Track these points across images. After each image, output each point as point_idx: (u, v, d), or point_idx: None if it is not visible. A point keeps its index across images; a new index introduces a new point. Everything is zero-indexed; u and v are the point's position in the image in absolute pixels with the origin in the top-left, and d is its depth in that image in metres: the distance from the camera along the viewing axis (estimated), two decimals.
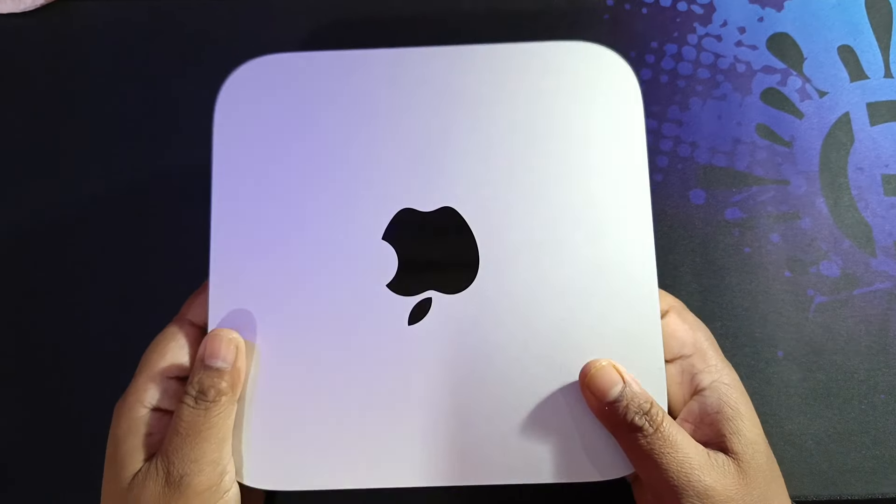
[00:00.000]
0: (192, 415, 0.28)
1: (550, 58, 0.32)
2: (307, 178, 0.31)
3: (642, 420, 0.27)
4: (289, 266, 0.30)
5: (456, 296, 0.30)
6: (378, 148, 0.31)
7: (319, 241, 0.30)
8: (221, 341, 0.29)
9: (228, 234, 0.31)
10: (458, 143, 0.31)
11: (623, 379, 0.28)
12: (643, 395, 0.28)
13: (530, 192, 0.31)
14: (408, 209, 0.31)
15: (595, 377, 0.28)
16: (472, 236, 0.30)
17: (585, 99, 0.31)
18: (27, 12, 0.42)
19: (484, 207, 0.30)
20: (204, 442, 0.28)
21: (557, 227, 0.30)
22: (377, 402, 0.29)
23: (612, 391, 0.27)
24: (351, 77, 0.32)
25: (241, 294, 0.30)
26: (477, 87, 0.31)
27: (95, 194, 0.38)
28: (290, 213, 0.31)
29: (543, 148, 0.31)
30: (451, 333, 0.29)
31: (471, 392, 0.29)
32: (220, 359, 0.29)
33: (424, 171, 0.31)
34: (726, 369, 0.30)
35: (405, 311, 0.30)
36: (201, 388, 0.28)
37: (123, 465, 0.28)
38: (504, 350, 0.29)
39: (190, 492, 0.27)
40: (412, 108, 0.31)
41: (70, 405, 0.36)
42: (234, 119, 0.32)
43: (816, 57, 0.42)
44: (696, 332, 0.30)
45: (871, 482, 0.34)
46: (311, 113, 0.31)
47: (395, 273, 0.30)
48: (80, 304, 0.37)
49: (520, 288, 0.30)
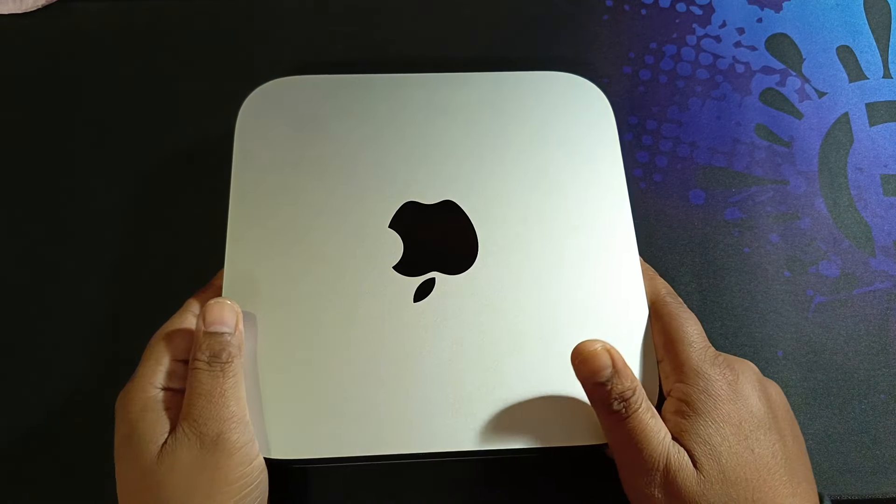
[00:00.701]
0: (209, 377, 0.28)
1: (537, 84, 0.37)
2: (321, 176, 0.34)
3: (619, 406, 0.28)
4: (305, 251, 0.33)
5: (458, 276, 0.33)
6: (385, 152, 0.35)
7: (332, 229, 0.33)
8: (223, 307, 0.30)
9: (245, 223, 0.33)
10: (456, 149, 0.35)
11: (614, 364, 0.28)
12: (628, 382, 0.28)
13: (522, 188, 0.34)
14: (412, 202, 0.34)
15: (587, 360, 0.29)
16: (471, 224, 0.34)
17: (565, 115, 0.36)
18: (28, 12, 0.42)
19: (481, 200, 0.34)
20: (230, 400, 0.28)
21: (546, 217, 0.34)
22: (385, 372, 0.31)
23: (600, 375, 0.28)
24: (360, 96, 0.36)
25: (258, 276, 0.32)
26: (473, 105, 0.36)
27: (95, 194, 0.38)
28: (306, 204, 0.33)
29: (532, 153, 0.35)
30: (454, 309, 0.32)
31: (471, 362, 0.31)
32: (224, 324, 0.30)
33: (426, 170, 0.34)
34: (696, 361, 0.29)
35: (411, 290, 0.32)
36: (212, 352, 0.29)
37: (146, 440, 0.28)
38: (501, 324, 0.32)
39: (229, 448, 0.28)
40: (416, 121, 0.35)
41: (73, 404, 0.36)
42: (254, 125, 0.35)
43: (815, 57, 0.42)
44: (671, 323, 0.30)
45: (871, 482, 0.34)
46: (325, 123, 0.35)
47: (401, 256, 0.33)
48: (81, 304, 0.37)
49: (515, 269, 0.33)
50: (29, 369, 0.36)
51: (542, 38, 0.42)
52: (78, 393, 0.36)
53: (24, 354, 0.36)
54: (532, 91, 0.36)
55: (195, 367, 0.29)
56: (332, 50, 0.41)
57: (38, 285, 0.37)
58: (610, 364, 0.28)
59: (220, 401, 0.28)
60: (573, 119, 0.36)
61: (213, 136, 0.39)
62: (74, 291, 0.37)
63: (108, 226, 0.38)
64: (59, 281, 0.37)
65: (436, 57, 0.41)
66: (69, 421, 0.35)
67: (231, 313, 0.30)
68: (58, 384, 0.36)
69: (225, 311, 0.30)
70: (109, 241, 0.38)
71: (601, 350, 0.28)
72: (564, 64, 0.41)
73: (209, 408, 0.28)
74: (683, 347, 0.29)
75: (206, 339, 0.29)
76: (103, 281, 0.37)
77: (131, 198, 0.38)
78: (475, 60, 0.41)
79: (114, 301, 0.37)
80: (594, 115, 0.36)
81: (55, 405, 0.35)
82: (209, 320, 0.29)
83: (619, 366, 0.28)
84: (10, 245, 0.38)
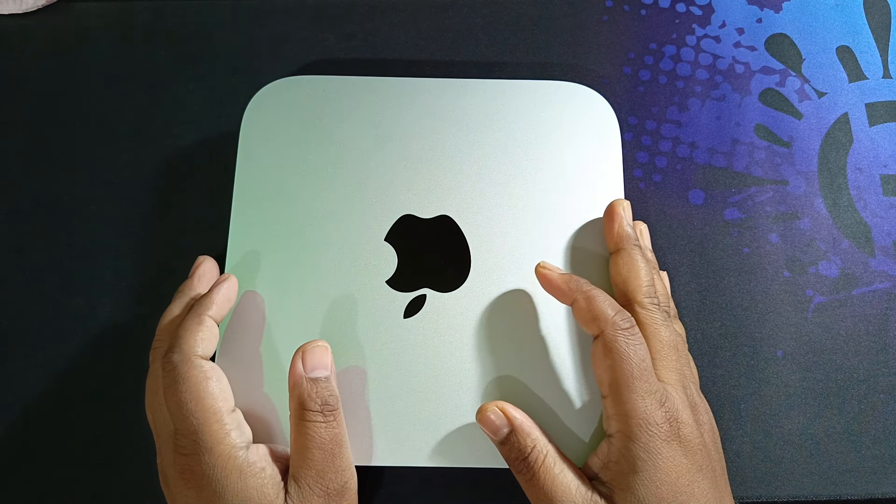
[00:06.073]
0: (328, 430, 0.28)
1: (541, 94, 0.36)
2: (323, 183, 0.34)
3: (520, 466, 0.28)
4: (300, 260, 0.33)
5: (448, 294, 0.33)
6: (386, 160, 0.35)
7: (328, 238, 0.33)
8: (323, 351, 0.30)
9: (245, 230, 0.33)
10: (456, 162, 0.35)
11: (511, 422, 0.29)
12: (526, 440, 0.28)
13: (519, 206, 0.34)
14: (409, 215, 0.34)
15: (483, 422, 0.29)
16: (465, 242, 0.33)
17: (568, 129, 0.35)
18: (28, 12, 0.42)
19: (477, 218, 0.34)
20: (345, 448, 0.28)
21: (541, 238, 0.33)
22: (372, 386, 0.31)
23: (497, 435, 0.29)
24: (363, 99, 0.36)
25: (254, 285, 0.33)
26: (476, 115, 0.35)
27: (95, 194, 0.38)
28: (304, 213, 0.34)
29: (531, 168, 0.34)
30: (442, 328, 0.32)
31: (457, 380, 0.31)
32: (326, 367, 0.29)
33: (425, 183, 0.34)
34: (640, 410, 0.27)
35: (402, 306, 0.32)
36: (323, 401, 0.28)
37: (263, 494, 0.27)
38: (488, 344, 0.32)
39: (351, 496, 0.28)
40: (417, 130, 0.35)
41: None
42: (259, 125, 0.35)
43: (815, 58, 0.42)
44: (620, 364, 0.28)
45: (871, 482, 0.34)
46: (328, 126, 0.35)
47: (395, 271, 0.33)
48: (80, 304, 0.37)
49: (506, 290, 0.33)
50: (29, 369, 0.36)
51: (542, 39, 0.42)
52: (77, 394, 0.36)
53: (24, 354, 0.36)
54: (538, 102, 0.36)
55: (309, 419, 0.28)
56: (333, 51, 0.41)
57: (37, 285, 0.37)
58: (505, 423, 0.29)
59: (339, 451, 0.28)
60: (578, 135, 0.35)
61: (213, 136, 0.39)
62: (74, 291, 0.37)
63: (109, 226, 0.38)
64: (58, 281, 0.37)
65: (436, 57, 0.41)
66: (69, 422, 0.35)
67: (327, 354, 0.30)
68: (58, 384, 0.36)
69: (325, 354, 0.29)
70: (110, 241, 0.38)
71: (495, 410, 0.29)
72: (564, 65, 0.41)
73: (331, 460, 0.28)
74: (631, 396, 0.27)
75: (312, 386, 0.28)
76: (103, 281, 0.37)
77: (132, 198, 0.38)
78: (476, 62, 0.41)
79: (114, 301, 0.37)
80: (599, 130, 0.35)
81: (54, 405, 0.35)
82: (311, 366, 0.29)
83: (517, 424, 0.29)
84: (10, 245, 0.38)
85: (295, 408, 0.28)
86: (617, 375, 0.28)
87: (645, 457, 0.27)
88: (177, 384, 0.28)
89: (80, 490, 0.34)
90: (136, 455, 0.35)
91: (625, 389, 0.27)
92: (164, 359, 0.29)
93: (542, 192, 0.34)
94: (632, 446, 0.27)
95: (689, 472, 0.27)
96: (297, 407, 0.28)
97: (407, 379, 0.31)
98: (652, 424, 0.27)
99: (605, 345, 0.28)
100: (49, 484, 0.34)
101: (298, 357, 0.29)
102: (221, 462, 0.27)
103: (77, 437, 0.35)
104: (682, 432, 0.27)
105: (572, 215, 0.34)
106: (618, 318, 0.29)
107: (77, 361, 0.36)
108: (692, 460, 0.27)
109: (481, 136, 0.35)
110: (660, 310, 0.30)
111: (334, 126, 0.35)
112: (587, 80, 0.40)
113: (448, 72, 0.41)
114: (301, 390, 0.28)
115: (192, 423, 0.27)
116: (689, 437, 0.28)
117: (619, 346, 0.28)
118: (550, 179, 0.34)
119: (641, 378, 0.27)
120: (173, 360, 0.28)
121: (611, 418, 0.28)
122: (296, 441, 0.28)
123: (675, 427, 0.27)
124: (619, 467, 0.27)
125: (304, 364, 0.29)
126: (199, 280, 0.33)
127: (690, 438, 0.28)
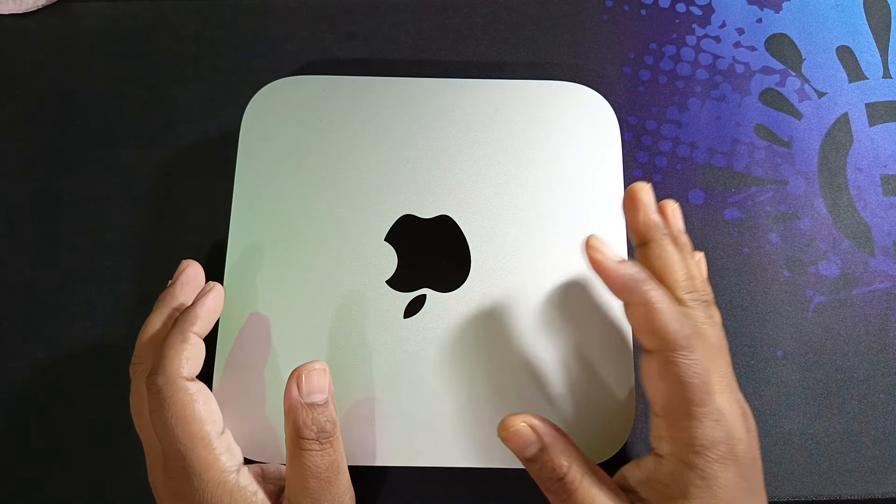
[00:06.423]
0: (324, 458, 0.27)
1: (541, 94, 0.36)
2: (323, 183, 0.34)
3: (555, 486, 0.26)
4: (299, 260, 0.33)
5: (448, 294, 0.33)
6: (386, 160, 0.35)
7: (328, 238, 0.33)
8: (320, 374, 0.28)
9: (245, 230, 0.33)
10: (456, 162, 0.35)
11: (541, 439, 0.26)
12: (560, 460, 0.26)
13: (519, 206, 0.34)
14: (409, 215, 0.34)
15: (509, 438, 0.27)
16: (465, 242, 0.33)
17: (568, 129, 0.35)
18: (28, 12, 0.42)
19: (477, 218, 0.34)
20: (343, 474, 0.27)
21: (541, 237, 0.33)
22: (371, 386, 0.31)
23: (525, 452, 0.26)
24: (363, 99, 0.35)
25: (254, 284, 0.33)
26: (477, 115, 0.35)
27: (95, 194, 0.38)
28: (304, 213, 0.34)
29: (531, 168, 0.34)
30: (442, 328, 0.32)
31: (458, 380, 0.31)
32: (324, 391, 0.28)
33: (425, 183, 0.34)
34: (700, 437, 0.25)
35: (402, 306, 0.33)
36: (319, 427, 0.27)
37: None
38: (489, 344, 0.32)
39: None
40: (417, 130, 0.35)
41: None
42: (259, 125, 0.35)
43: (815, 57, 0.42)
44: (679, 390, 0.25)
45: (871, 482, 0.34)
46: (329, 126, 0.35)
47: (395, 271, 0.33)
48: (80, 304, 0.37)
49: (506, 290, 0.33)
50: (29, 369, 0.36)
51: (542, 39, 0.42)
52: (76, 394, 0.36)
53: (24, 354, 0.36)
54: (538, 102, 0.36)
55: (305, 447, 0.27)
56: (333, 51, 0.41)
57: (37, 285, 0.37)
58: (535, 440, 0.26)
59: (336, 478, 0.27)
60: (578, 135, 0.35)
61: (213, 136, 0.39)
62: (74, 291, 0.37)
63: (109, 226, 0.38)
64: (58, 281, 0.37)
65: (436, 57, 0.41)
66: (68, 422, 0.35)
67: (325, 377, 0.28)
68: (58, 384, 0.36)
69: (322, 378, 0.28)
70: (110, 241, 0.38)
71: (524, 427, 0.26)
72: (564, 65, 0.41)
73: (328, 488, 0.27)
74: (691, 424, 0.25)
75: (308, 412, 0.27)
76: (103, 282, 0.37)
77: (132, 198, 0.38)
78: (476, 62, 0.41)
79: (114, 302, 0.37)
80: (599, 130, 0.35)
81: (54, 405, 0.35)
82: (307, 390, 0.27)
83: (548, 441, 0.26)
84: (10, 245, 0.38)
85: (290, 433, 0.27)
86: (675, 402, 0.26)
87: (701, 483, 0.25)
88: (162, 409, 0.27)
89: (80, 490, 0.34)
90: (136, 456, 0.34)
91: (683, 417, 0.25)
92: (149, 380, 0.28)
93: (542, 192, 0.34)
94: (688, 473, 0.25)
95: (739, 491, 0.25)
96: (293, 433, 0.27)
97: (407, 379, 0.31)
98: (709, 449, 0.25)
99: (661, 366, 0.26)
100: (48, 484, 0.34)
101: (294, 381, 0.27)
102: (211, 487, 0.26)
103: (76, 438, 0.35)
104: (737, 449, 0.26)
105: (572, 215, 0.34)
106: (679, 335, 0.26)
107: (77, 361, 0.36)
108: (746, 480, 0.26)
109: (481, 136, 0.35)
110: (701, 305, 0.28)
111: (334, 126, 0.35)
112: (587, 80, 0.40)
113: (448, 72, 0.41)
114: (296, 416, 0.27)
115: (180, 448, 0.27)
116: (743, 454, 0.26)
117: (679, 371, 0.25)
118: (550, 179, 0.34)
119: (702, 404, 0.25)
120: (158, 384, 0.27)
121: (663, 439, 0.26)
122: (291, 467, 0.27)
123: (731, 445, 0.26)
124: (667, 490, 0.26)
125: (300, 388, 0.27)
126: (182, 288, 0.31)
127: (745, 454, 0.26)
